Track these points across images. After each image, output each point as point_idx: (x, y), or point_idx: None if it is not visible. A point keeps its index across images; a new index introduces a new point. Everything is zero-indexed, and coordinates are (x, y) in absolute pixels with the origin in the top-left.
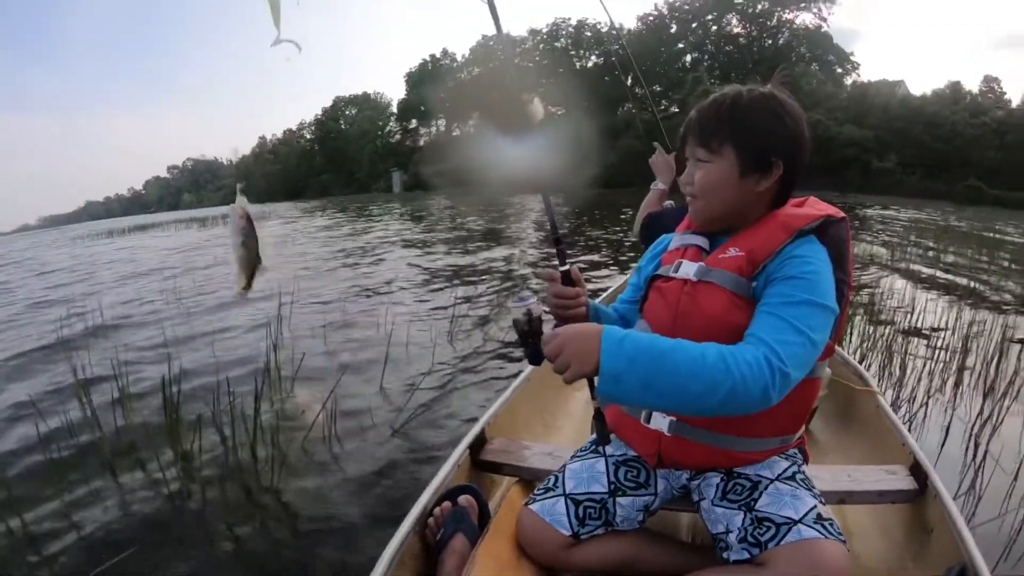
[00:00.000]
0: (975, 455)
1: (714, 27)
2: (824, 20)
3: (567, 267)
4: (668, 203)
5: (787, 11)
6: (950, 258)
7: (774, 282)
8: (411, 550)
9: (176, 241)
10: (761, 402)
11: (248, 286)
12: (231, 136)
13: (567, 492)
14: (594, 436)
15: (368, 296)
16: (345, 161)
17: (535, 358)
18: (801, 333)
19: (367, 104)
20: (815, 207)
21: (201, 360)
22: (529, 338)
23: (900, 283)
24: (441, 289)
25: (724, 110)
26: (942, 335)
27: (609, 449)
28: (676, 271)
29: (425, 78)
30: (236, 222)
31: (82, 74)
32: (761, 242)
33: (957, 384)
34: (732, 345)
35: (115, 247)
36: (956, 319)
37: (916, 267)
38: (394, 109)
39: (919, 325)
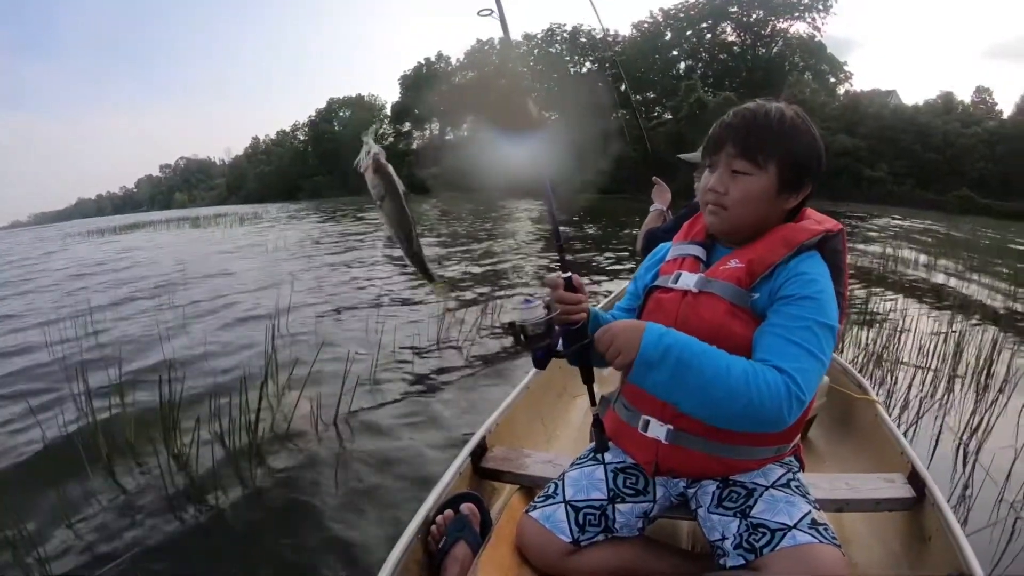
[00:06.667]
0: (966, 464)
1: (708, 35)
2: (818, 30)
3: (569, 274)
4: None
5: (781, 20)
6: (941, 266)
7: (783, 301)
8: (414, 557)
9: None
10: (776, 422)
11: (428, 274)
12: (224, 136)
13: (567, 499)
14: (593, 444)
15: (359, 301)
16: (339, 163)
17: (540, 362)
18: (816, 358)
19: (361, 106)
20: (814, 220)
21: (197, 363)
22: (535, 341)
23: (893, 292)
24: (432, 296)
25: (773, 124)
26: (935, 343)
27: (608, 457)
28: (676, 282)
29: (420, 81)
30: (373, 181)
31: (77, 71)
32: (761, 255)
33: (949, 393)
34: (759, 364)
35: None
36: (948, 327)
37: (908, 275)
38: (388, 112)
39: (912, 333)
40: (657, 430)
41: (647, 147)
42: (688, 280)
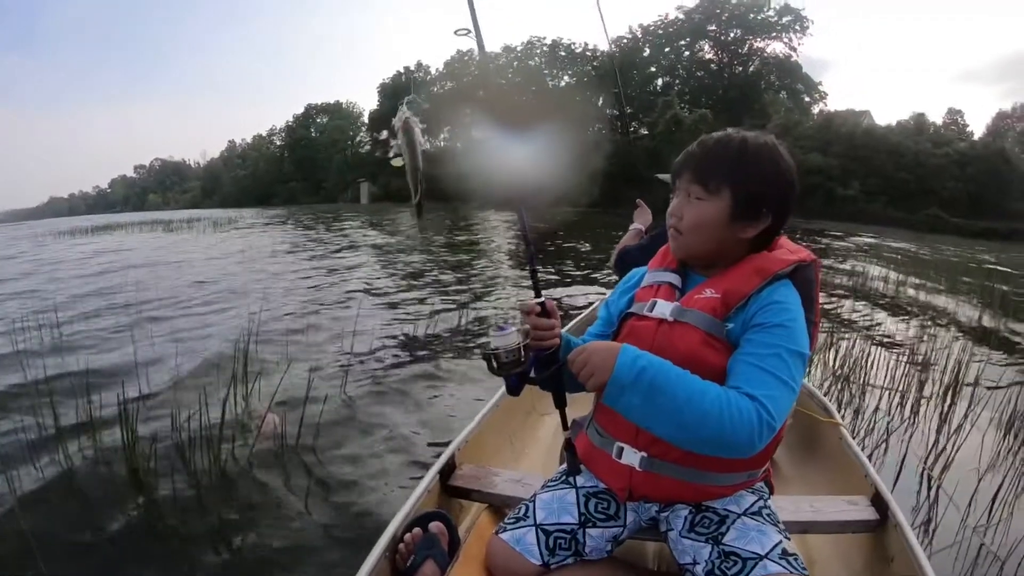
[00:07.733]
0: (930, 487)
1: (686, 52)
2: (794, 50)
3: (543, 299)
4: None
5: (758, 39)
6: (911, 285)
7: (756, 329)
8: None
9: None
10: (747, 447)
11: (419, 204)
12: (201, 138)
13: (538, 522)
14: (564, 466)
15: (332, 313)
16: (314, 169)
17: (514, 389)
18: (787, 385)
19: (339, 113)
20: (788, 249)
21: (160, 376)
22: (508, 368)
23: (861, 312)
24: (404, 311)
25: (731, 152)
26: (901, 366)
27: (580, 480)
28: (651, 310)
29: (399, 90)
30: (401, 138)
31: (54, 67)
32: (736, 285)
33: (914, 415)
34: (731, 391)
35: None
36: (914, 349)
37: (877, 295)
38: (365, 119)
39: (879, 355)
40: (631, 457)
41: (632, 162)
42: (664, 308)
